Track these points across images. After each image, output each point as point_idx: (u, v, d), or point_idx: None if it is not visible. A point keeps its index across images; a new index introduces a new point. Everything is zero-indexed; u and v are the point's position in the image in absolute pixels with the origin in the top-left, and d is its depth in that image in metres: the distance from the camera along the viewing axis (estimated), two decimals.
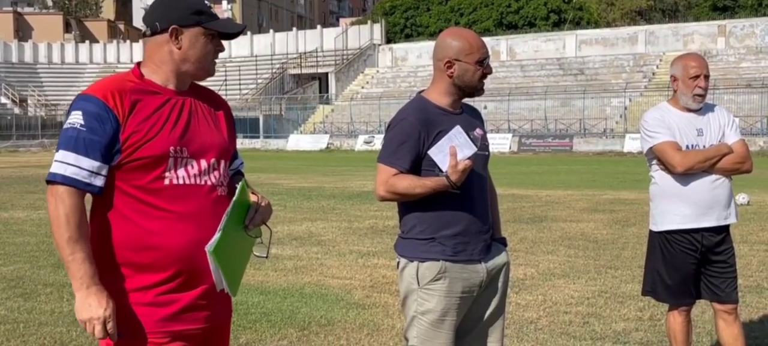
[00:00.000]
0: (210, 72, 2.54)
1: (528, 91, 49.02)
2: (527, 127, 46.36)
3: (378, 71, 59.97)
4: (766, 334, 5.39)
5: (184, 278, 2.42)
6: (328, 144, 49.45)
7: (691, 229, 4.09)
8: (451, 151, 2.94)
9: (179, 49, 2.46)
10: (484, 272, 3.13)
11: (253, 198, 2.53)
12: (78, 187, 2.31)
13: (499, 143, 43.77)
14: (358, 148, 47.50)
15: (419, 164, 3.04)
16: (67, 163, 2.31)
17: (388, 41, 62.65)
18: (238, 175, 2.72)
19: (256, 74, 61.73)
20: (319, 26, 69.30)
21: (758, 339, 5.24)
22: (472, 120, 3.19)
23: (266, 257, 2.69)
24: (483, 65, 3.08)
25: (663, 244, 4.19)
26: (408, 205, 3.10)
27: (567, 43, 53.48)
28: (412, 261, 3.09)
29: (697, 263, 4.15)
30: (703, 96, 4.09)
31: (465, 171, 2.92)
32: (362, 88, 58.14)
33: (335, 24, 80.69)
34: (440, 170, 2.98)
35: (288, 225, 11.44)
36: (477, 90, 3.13)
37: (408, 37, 64.02)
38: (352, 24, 67.70)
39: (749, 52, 46.74)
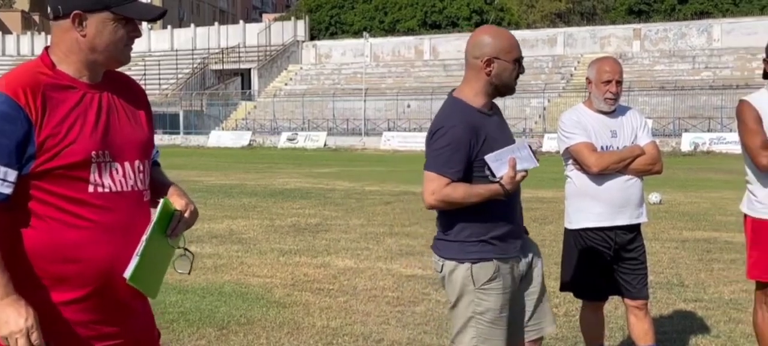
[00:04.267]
0: (122, 60, 2.28)
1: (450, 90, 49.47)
2: None
3: (302, 68, 59.68)
4: (675, 329, 5.58)
5: (108, 293, 2.22)
6: (250, 141, 48.93)
7: (605, 227, 4.21)
8: (511, 163, 2.96)
9: (84, 36, 2.19)
10: (525, 265, 3.26)
11: (179, 204, 2.33)
12: None
13: (422, 142, 43.87)
14: (281, 145, 47.18)
15: (469, 170, 3.06)
16: None
17: (312, 38, 62.40)
18: (153, 166, 2.49)
19: (177, 69, 60.64)
20: (241, 21, 68.59)
21: (667, 334, 5.41)
22: (502, 121, 3.23)
23: (188, 273, 2.52)
24: (519, 64, 3.09)
25: (577, 241, 4.30)
26: (460, 209, 3.10)
27: None
28: (462, 262, 3.11)
29: (610, 260, 4.27)
30: (614, 100, 4.22)
31: (519, 182, 3.01)
32: (285, 84, 57.77)
33: (258, 19, 79.90)
34: (491, 174, 3.02)
35: (208, 223, 11.27)
36: (511, 89, 3.13)
37: (332, 35, 63.92)
38: (276, 20, 67.21)
39: (663, 56, 48.32)
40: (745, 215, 4.19)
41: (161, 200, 2.25)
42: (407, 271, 7.72)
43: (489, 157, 2.99)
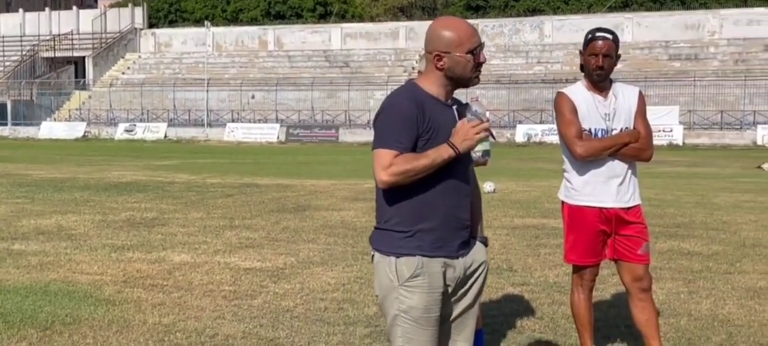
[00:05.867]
0: None
1: (295, 82, 49.41)
2: (294, 118, 46.72)
3: (140, 57, 57.67)
4: (502, 312, 5.83)
5: None
6: (85, 132, 46.85)
7: None
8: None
9: None
10: (461, 268, 3.05)
11: None
12: None
13: (267, 133, 43.77)
14: (118, 136, 45.46)
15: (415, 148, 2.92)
16: None
17: (151, 26, 60.38)
18: None
19: (4, 57, 57.07)
20: (75, 7, 65.21)
21: (496, 317, 5.64)
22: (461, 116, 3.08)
23: None
24: (475, 54, 2.97)
25: None
26: (390, 196, 2.94)
27: (333, 36, 54.49)
28: (387, 255, 2.96)
29: None
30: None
31: (467, 137, 2.89)
32: (123, 73, 55.63)
33: (93, 5, 76.28)
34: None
35: (35, 219, 10.67)
36: (471, 80, 3.01)
37: (172, 23, 62.09)
38: (112, 6, 64.41)
39: (498, 50, 50.24)
40: (562, 202, 4.42)
41: None
42: (245, 264, 7.63)
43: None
